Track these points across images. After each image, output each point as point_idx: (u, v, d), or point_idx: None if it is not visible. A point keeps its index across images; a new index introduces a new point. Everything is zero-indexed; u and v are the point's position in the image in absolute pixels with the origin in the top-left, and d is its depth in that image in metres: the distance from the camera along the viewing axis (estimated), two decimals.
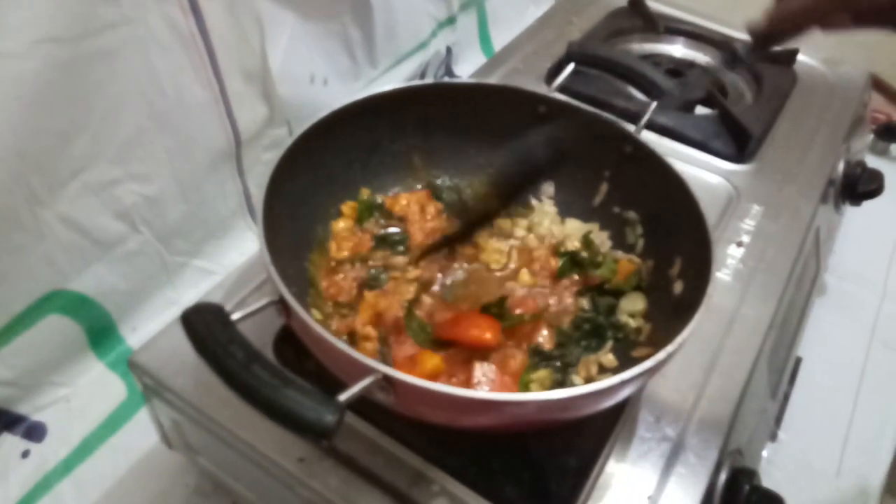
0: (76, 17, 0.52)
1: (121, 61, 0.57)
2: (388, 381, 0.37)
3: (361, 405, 0.43)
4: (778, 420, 0.70)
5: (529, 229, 0.60)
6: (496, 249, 0.58)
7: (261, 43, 0.68)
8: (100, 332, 0.64)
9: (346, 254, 0.56)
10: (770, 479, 0.65)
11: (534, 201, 0.62)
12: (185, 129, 0.64)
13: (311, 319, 0.38)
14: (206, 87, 0.64)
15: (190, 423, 0.50)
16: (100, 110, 0.57)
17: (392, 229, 0.60)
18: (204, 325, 0.34)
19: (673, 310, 0.50)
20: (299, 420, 0.32)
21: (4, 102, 0.49)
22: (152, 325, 0.67)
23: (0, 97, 0.49)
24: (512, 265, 0.58)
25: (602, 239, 0.59)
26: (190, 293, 0.71)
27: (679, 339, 0.40)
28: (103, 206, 0.60)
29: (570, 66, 0.60)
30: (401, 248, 0.59)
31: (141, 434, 0.60)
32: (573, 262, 0.57)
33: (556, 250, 0.58)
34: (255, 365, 0.33)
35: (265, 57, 0.69)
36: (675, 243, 0.52)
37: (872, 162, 0.97)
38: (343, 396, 0.34)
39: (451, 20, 1.00)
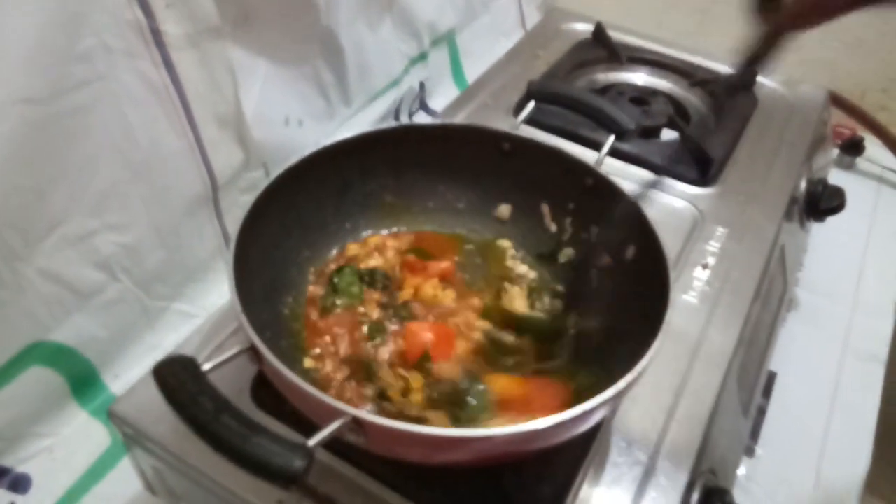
0: (50, 77, 0.54)
1: (95, 116, 0.58)
2: (357, 422, 0.38)
3: (339, 445, 0.45)
4: (754, 435, 0.71)
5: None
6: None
7: (234, 90, 0.70)
8: (82, 381, 0.65)
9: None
10: (748, 494, 0.67)
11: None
12: (161, 177, 0.65)
13: (281, 365, 0.39)
14: (180, 135, 0.66)
15: (171, 470, 0.51)
16: (75, 165, 0.58)
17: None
18: (174, 377, 0.35)
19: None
20: (267, 467, 0.33)
21: None
22: (135, 371, 0.67)
23: None
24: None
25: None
26: (171, 337, 0.72)
27: (638, 367, 0.42)
28: (82, 258, 0.61)
29: (532, 104, 0.63)
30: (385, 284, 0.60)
31: (125, 482, 0.60)
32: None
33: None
34: (225, 415, 0.34)
35: (239, 103, 0.71)
36: (637, 270, 0.54)
37: (838, 176, 1.00)
38: (313, 441, 0.35)
39: (422, 56, 1.03)
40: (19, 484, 0.61)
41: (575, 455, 0.50)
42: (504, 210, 0.64)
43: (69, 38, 0.55)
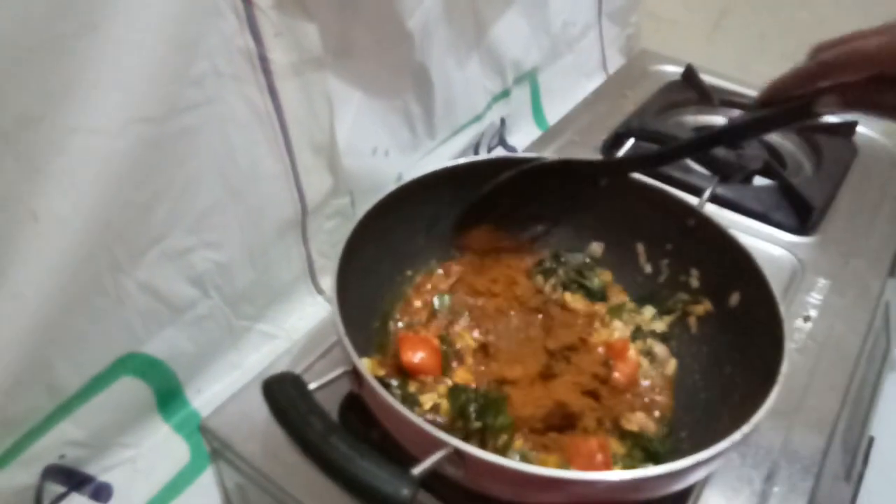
0: (165, 99, 0.56)
1: (201, 137, 0.60)
2: (459, 454, 0.37)
3: (428, 480, 0.44)
4: (852, 502, 0.67)
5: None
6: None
7: (330, 119, 0.71)
8: (167, 393, 0.66)
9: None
10: None
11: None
12: (257, 199, 0.67)
13: (384, 391, 0.38)
14: (277, 160, 0.68)
15: (255, 487, 0.51)
16: (180, 183, 0.60)
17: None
18: (284, 395, 0.35)
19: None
20: (376, 493, 0.32)
21: (97, 177, 0.53)
22: (216, 388, 0.68)
23: (93, 173, 0.53)
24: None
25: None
26: (252, 356, 0.72)
27: (754, 420, 0.39)
28: (178, 273, 0.62)
29: (631, 141, 0.62)
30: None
31: (203, 498, 0.60)
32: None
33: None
34: (333, 436, 0.33)
35: (333, 132, 0.72)
36: (742, 318, 0.52)
37: None
38: (417, 470, 0.34)
39: (505, 93, 1.03)
40: (101, 493, 0.62)
41: None
42: (596, 248, 0.63)
43: (185, 62, 0.57)
